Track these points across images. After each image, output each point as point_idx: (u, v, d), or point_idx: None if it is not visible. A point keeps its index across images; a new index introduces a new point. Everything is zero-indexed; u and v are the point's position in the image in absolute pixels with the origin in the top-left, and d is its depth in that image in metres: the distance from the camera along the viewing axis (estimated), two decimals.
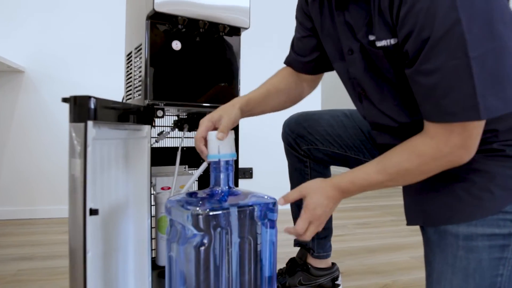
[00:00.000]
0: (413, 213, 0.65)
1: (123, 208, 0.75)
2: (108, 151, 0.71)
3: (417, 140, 0.57)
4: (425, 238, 0.63)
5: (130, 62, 0.92)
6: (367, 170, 0.61)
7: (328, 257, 0.93)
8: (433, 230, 0.61)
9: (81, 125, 0.55)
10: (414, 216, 0.65)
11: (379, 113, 0.65)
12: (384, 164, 0.60)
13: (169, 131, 0.99)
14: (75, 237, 0.55)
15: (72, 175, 0.55)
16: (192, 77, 0.82)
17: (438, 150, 0.54)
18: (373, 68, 0.61)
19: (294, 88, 0.81)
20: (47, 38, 1.74)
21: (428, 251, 0.63)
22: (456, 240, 0.57)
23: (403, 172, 0.58)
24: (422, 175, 0.58)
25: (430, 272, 0.61)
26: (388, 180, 0.59)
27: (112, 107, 0.63)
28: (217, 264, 0.58)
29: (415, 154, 0.56)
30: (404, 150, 0.58)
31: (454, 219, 0.58)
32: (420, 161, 0.56)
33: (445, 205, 0.59)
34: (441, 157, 0.54)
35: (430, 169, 0.57)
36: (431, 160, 0.55)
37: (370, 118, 0.69)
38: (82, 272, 0.55)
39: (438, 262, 0.59)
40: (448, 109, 0.51)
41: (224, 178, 0.63)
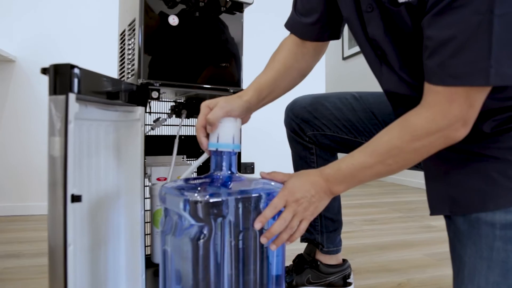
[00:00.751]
0: (437, 200, 0.57)
1: (113, 199, 0.68)
2: (97, 134, 0.63)
3: (411, 113, 0.51)
4: (452, 229, 0.56)
5: (123, 42, 0.85)
6: (355, 154, 0.54)
7: (339, 252, 0.86)
8: (463, 220, 0.54)
9: (61, 98, 0.47)
10: (438, 204, 0.57)
11: (399, 81, 0.57)
12: (374, 144, 0.53)
13: (165, 117, 0.91)
14: (54, 228, 0.48)
15: (51, 156, 0.48)
16: (191, 56, 0.75)
17: (433, 123, 0.48)
18: (393, 28, 0.54)
19: (301, 59, 0.73)
20: (39, 25, 1.67)
21: (456, 243, 0.55)
22: (492, 229, 0.50)
23: (394, 151, 0.51)
24: (416, 155, 0.51)
25: (460, 267, 0.54)
26: (378, 163, 0.52)
27: (100, 81, 0.55)
28: (218, 260, 0.50)
29: (407, 129, 0.50)
30: (396, 126, 0.52)
31: (489, 205, 0.51)
32: (412, 137, 0.49)
33: (477, 190, 0.52)
34: (436, 131, 0.48)
35: (423, 147, 0.50)
36: (424, 135, 0.49)
37: (389, 87, 0.61)
38: (62, 269, 0.47)
39: (470, 256, 0.52)
40: (455, 70, 0.45)
41: (226, 162, 0.56)
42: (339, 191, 0.56)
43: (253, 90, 0.66)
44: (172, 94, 0.87)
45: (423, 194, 2.53)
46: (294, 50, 0.72)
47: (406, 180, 2.84)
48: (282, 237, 0.54)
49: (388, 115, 0.77)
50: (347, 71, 3.54)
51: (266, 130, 1.97)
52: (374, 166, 0.53)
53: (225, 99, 0.60)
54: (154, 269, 0.83)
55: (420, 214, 1.79)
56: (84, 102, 0.58)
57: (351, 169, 0.54)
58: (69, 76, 0.48)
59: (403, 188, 2.71)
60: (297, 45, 0.73)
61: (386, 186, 2.80)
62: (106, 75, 0.57)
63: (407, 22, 0.51)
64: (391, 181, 3.02)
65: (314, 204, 0.55)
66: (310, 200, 0.55)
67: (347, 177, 0.55)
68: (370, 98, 0.81)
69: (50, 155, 0.48)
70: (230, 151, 0.56)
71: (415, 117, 0.50)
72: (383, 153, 0.52)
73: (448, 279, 0.96)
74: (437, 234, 1.44)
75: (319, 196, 0.55)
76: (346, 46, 3.57)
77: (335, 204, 0.85)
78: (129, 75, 0.79)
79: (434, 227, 1.53)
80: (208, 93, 0.79)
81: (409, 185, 2.79)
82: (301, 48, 0.73)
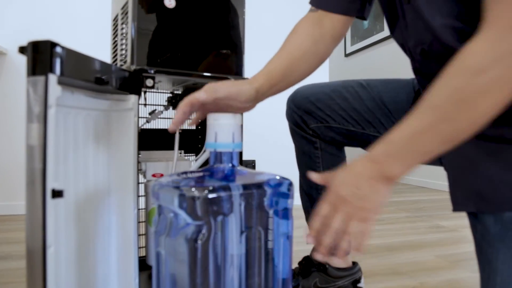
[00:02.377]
0: (461, 195, 0.50)
1: (103, 196, 0.62)
2: (85, 124, 0.58)
3: (468, 44, 0.40)
4: (480, 230, 0.49)
5: (116, 27, 0.79)
6: (409, 118, 0.43)
7: (347, 253, 0.79)
8: (494, 219, 0.46)
9: (40, 79, 0.42)
10: (462, 199, 0.50)
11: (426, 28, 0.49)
12: (429, 97, 0.41)
13: (162, 110, 0.86)
14: (33, 227, 0.42)
15: (29, 146, 0.42)
16: (188, 42, 0.69)
17: (500, 42, 0.37)
18: None
19: (319, 42, 0.65)
20: (32, 17, 1.61)
21: (485, 247, 0.48)
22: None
23: (454, 95, 0.39)
24: (484, 101, 0.38)
25: (491, 274, 0.47)
26: (439, 120, 0.40)
27: (87, 63, 0.50)
28: (218, 263, 0.45)
29: (464, 64, 0.39)
30: (451, 66, 0.40)
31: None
32: (474, 70, 0.38)
33: (510, 184, 0.45)
34: (506, 54, 0.36)
35: (492, 84, 0.37)
36: (490, 63, 0.37)
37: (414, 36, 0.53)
38: (41, 273, 0.41)
39: (503, 262, 0.46)
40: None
41: (226, 155, 0.50)
42: (396, 173, 0.43)
43: (264, 76, 0.59)
44: (169, 84, 0.81)
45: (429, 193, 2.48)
46: (311, 32, 0.65)
47: (411, 179, 2.78)
48: (341, 248, 0.45)
49: (400, 103, 0.71)
50: (349, 67, 3.48)
51: (267, 127, 1.91)
52: (435, 125, 0.40)
53: (233, 81, 0.54)
54: (149, 272, 0.77)
55: (428, 214, 1.73)
56: (70, 87, 0.52)
57: (406, 138, 0.42)
58: (50, 54, 0.42)
59: (408, 187, 2.65)
60: (315, 26, 0.66)
61: None
62: (94, 58, 0.51)
63: None
64: None
65: (367, 197, 0.44)
66: (359, 194, 0.44)
67: (402, 150, 0.42)
68: (379, 86, 0.74)
69: (27, 145, 0.42)
70: (230, 151, 0.50)
71: (474, 43, 0.39)
72: (442, 102, 0.39)
73: (465, 283, 0.91)
74: (447, 234, 1.38)
75: (371, 186, 0.44)
76: (349, 43, 3.51)
77: None
78: (122, 63, 0.73)
79: (443, 227, 1.47)
80: (207, 82, 0.73)
81: (414, 184, 2.74)
82: (319, 29, 0.66)
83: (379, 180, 0.44)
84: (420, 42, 0.53)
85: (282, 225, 0.51)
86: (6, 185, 1.59)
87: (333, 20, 0.66)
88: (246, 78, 0.74)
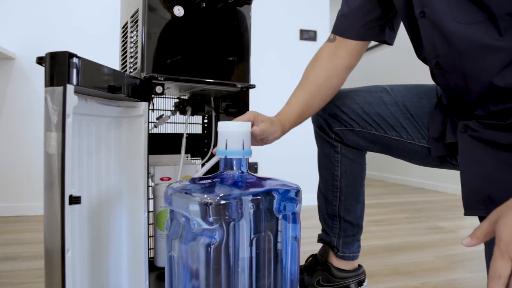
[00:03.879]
0: (473, 198, 0.52)
1: (115, 200, 0.64)
2: (97, 131, 0.60)
3: None
4: None
5: (125, 35, 0.81)
6: None
7: (355, 259, 0.81)
8: None
9: (58, 89, 0.43)
10: (474, 203, 0.52)
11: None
12: None
13: (169, 115, 0.88)
14: (51, 232, 0.44)
15: (47, 153, 0.44)
16: (196, 49, 0.71)
17: None
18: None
19: (334, 76, 0.73)
20: (40, 22, 1.63)
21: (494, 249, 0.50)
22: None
23: None
24: None
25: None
26: None
27: (101, 73, 0.51)
28: (230, 265, 0.46)
29: None
30: None
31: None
32: None
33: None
34: None
35: None
36: None
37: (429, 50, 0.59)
38: (60, 275, 0.43)
39: None
40: None
41: (236, 161, 0.51)
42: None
43: (286, 115, 0.67)
44: (176, 90, 0.83)
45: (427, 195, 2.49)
46: (326, 66, 0.72)
47: (409, 180, 2.80)
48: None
49: (423, 108, 0.73)
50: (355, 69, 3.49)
51: None
52: None
53: (270, 120, 0.62)
54: (157, 273, 0.79)
55: (427, 215, 1.75)
56: (84, 96, 0.54)
57: None
58: (67, 65, 0.44)
59: (406, 188, 2.67)
60: (330, 59, 0.72)
61: (389, 187, 2.77)
62: (107, 66, 0.53)
63: None
64: (393, 181, 2.98)
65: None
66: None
67: None
68: (402, 91, 0.76)
69: (46, 152, 0.44)
70: (240, 158, 0.51)
71: None
72: None
73: (464, 283, 0.93)
74: (446, 235, 1.40)
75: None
76: None
77: (357, 207, 0.80)
78: (131, 70, 0.75)
79: (442, 228, 1.49)
80: (215, 89, 0.75)
81: (412, 185, 2.76)
82: (334, 62, 0.72)
83: None
84: (435, 55, 0.58)
85: (291, 229, 0.52)
86: (17, 186, 1.60)
87: (349, 49, 0.73)
88: (253, 85, 0.76)
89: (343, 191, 0.79)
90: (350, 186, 0.79)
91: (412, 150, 0.72)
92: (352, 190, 0.79)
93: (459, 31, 0.52)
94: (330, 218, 0.81)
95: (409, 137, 0.72)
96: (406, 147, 0.72)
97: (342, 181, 0.79)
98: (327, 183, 0.81)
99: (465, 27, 0.52)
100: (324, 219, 0.82)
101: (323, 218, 0.83)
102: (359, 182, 0.80)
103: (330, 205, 0.80)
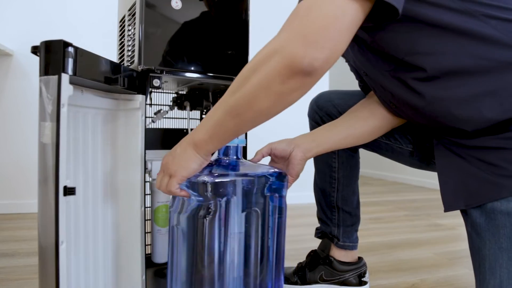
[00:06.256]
0: (451, 195, 0.55)
1: (111, 194, 0.63)
2: (94, 123, 0.59)
3: None
4: (470, 223, 0.53)
5: (123, 28, 0.80)
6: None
7: (355, 249, 0.82)
8: (479, 212, 0.51)
9: (53, 78, 0.43)
10: (453, 199, 0.55)
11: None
12: None
13: (167, 110, 0.87)
14: (45, 223, 0.43)
15: (42, 143, 0.43)
16: (195, 42, 0.70)
17: (272, 40, 0.43)
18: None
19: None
20: (38, 18, 1.62)
21: (474, 237, 0.53)
22: (509, 218, 0.48)
23: (239, 77, 0.45)
24: (257, 91, 0.43)
25: (481, 261, 0.51)
26: (230, 95, 0.46)
27: (97, 63, 0.51)
28: (222, 236, 0.54)
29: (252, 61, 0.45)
30: None
31: (502, 192, 0.48)
32: (251, 65, 0.44)
33: (488, 179, 0.50)
34: (273, 54, 0.41)
35: (259, 65, 0.43)
36: (262, 51, 0.43)
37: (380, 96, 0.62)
38: (53, 268, 0.42)
39: (489, 249, 0.50)
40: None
41: (232, 149, 0.59)
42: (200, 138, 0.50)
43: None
44: (174, 84, 0.82)
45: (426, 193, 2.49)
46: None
47: (408, 178, 2.80)
48: None
49: None
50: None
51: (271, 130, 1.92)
52: (227, 111, 0.46)
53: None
54: (154, 269, 0.78)
55: (426, 213, 1.74)
56: (80, 87, 0.53)
57: (209, 124, 0.49)
58: (62, 54, 0.43)
59: (405, 186, 2.67)
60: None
61: (388, 185, 2.76)
62: (104, 57, 0.52)
63: None
64: (392, 179, 2.98)
65: (173, 158, 0.53)
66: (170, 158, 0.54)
67: (206, 131, 0.49)
68: None
69: (40, 142, 0.43)
70: (235, 145, 0.58)
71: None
72: (227, 94, 0.47)
73: (463, 279, 0.92)
74: (445, 232, 1.39)
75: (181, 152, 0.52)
76: None
77: (354, 198, 0.82)
78: (129, 64, 0.74)
79: (441, 226, 1.49)
80: (213, 82, 0.74)
81: (411, 183, 2.75)
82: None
83: (189, 144, 0.51)
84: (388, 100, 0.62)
85: (277, 209, 0.59)
86: (13, 184, 1.59)
87: None
88: None
89: (341, 181, 0.81)
90: (347, 177, 0.81)
91: (401, 154, 0.74)
92: (349, 181, 0.81)
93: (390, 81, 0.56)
94: (328, 209, 0.82)
95: (396, 142, 0.73)
96: (395, 150, 0.74)
97: (340, 172, 0.80)
98: (325, 175, 0.82)
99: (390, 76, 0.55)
100: (323, 211, 0.83)
101: (322, 210, 0.84)
102: (355, 174, 0.82)
103: (328, 196, 0.82)
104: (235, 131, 0.48)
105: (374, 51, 0.54)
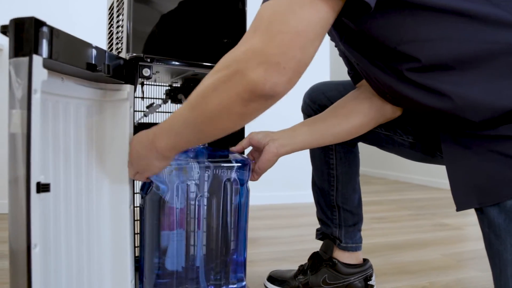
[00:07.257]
0: (462, 193, 0.50)
1: (96, 192, 0.58)
2: (76, 115, 0.54)
3: None
4: (487, 223, 0.48)
5: (112, 17, 0.75)
6: None
7: (359, 250, 0.77)
8: (498, 210, 0.46)
9: (24, 60, 0.38)
10: (465, 197, 0.50)
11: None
12: None
13: (160, 103, 0.82)
14: (16, 225, 0.38)
15: (11, 134, 0.38)
16: (188, 30, 0.65)
17: (232, 55, 0.41)
18: None
19: None
20: (29, 11, 1.57)
21: (493, 239, 0.48)
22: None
23: (199, 93, 0.44)
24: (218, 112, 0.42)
25: (502, 267, 0.46)
26: (190, 110, 0.45)
27: (77, 46, 0.46)
28: (183, 219, 0.59)
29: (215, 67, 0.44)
30: None
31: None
32: (213, 73, 0.43)
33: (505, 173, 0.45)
34: (233, 63, 0.40)
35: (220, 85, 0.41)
36: (222, 68, 0.41)
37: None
38: (25, 275, 0.37)
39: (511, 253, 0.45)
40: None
41: None
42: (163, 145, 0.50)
43: None
44: (167, 76, 0.77)
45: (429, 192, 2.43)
46: None
47: (411, 177, 2.75)
48: None
49: None
50: None
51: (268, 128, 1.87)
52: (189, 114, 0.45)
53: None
54: None
55: (431, 212, 1.70)
56: (60, 74, 0.48)
57: (170, 124, 0.49)
58: (35, 34, 0.38)
59: (408, 185, 2.62)
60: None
61: (390, 184, 2.71)
62: (86, 41, 0.47)
63: None
64: (395, 178, 2.93)
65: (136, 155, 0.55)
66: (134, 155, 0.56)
67: (166, 130, 0.50)
68: None
69: (9, 133, 0.38)
70: None
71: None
72: (192, 97, 0.45)
73: (475, 282, 0.87)
74: (451, 232, 1.34)
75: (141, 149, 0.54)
76: None
77: (355, 196, 0.77)
78: (117, 53, 0.69)
79: (447, 225, 1.44)
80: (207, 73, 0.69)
81: (414, 182, 2.71)
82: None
83: (152, 149, 0.51)
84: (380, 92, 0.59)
85: (240, 194, 0.63)
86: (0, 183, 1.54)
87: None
88: None
89: (340, 179, 0.76)
90: (346, 174, 0.76)
91: (402, 146, 0.69)
92: (349, 178, 0.76)
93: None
94: (328, 209, 0.78)
95: (397, 133, 0.68)
96: (396, 142, 0.69)
97: (338, 169, 0.76)
98: (323, 173, 0.78)
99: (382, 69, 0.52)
100: (323, 211, 0.79)
101: (322, 210, 0.79)
102: (354, 170, 0.78)
103: (327, 195, 0.78)
104: (198, 142, 0.51)
105: (364, 41, 0.50)
